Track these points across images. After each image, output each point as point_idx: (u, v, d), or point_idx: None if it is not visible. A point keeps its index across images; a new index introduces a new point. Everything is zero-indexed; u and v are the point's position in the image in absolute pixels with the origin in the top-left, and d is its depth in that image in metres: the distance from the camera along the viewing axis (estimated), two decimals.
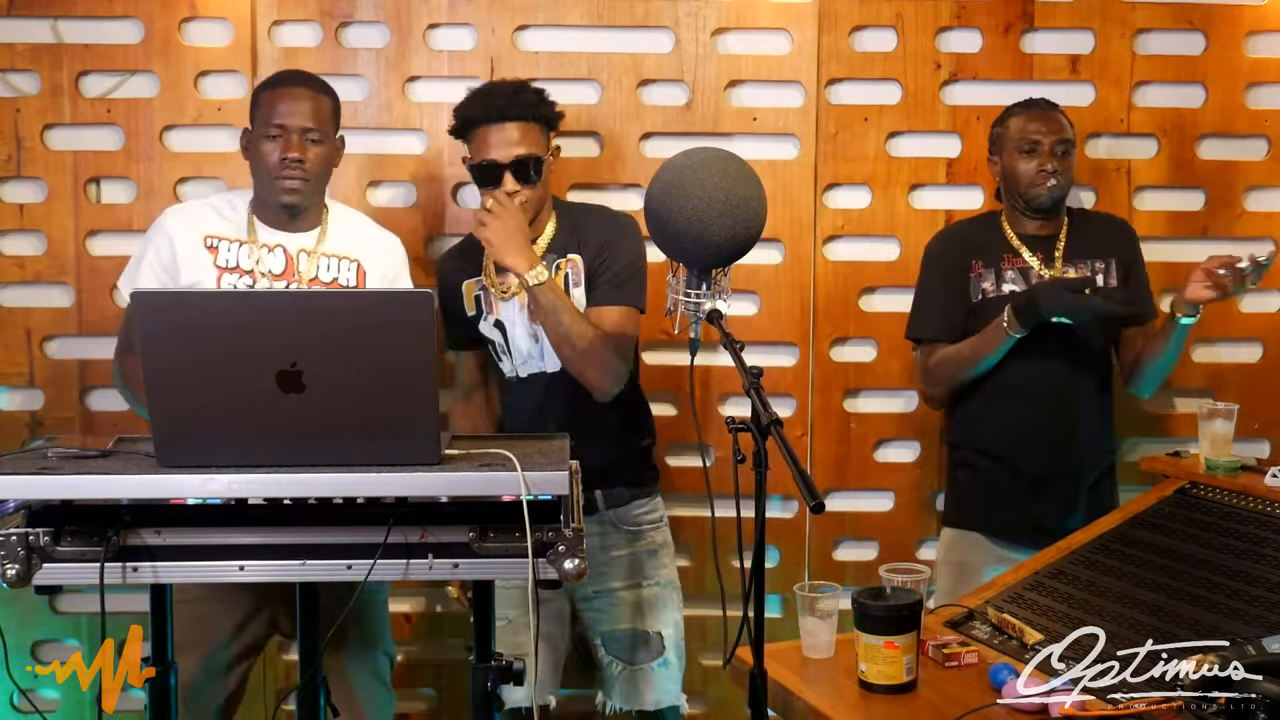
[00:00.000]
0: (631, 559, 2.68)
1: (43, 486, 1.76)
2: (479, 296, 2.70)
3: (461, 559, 1.84)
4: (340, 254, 2.59)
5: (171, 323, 1.76)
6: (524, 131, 2.57)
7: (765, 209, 2.07)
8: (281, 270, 2.55)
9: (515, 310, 2.65)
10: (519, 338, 2.65)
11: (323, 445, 1.79)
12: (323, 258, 2.57)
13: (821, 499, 1.67)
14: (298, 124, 2.50)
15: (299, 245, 2.57)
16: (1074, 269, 2.82)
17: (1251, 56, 3.21)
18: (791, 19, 3.14)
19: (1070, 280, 2.71)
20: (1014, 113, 2.88)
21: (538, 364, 2.66)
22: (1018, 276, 2.83)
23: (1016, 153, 2.82)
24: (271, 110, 2.50)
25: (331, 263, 2.58)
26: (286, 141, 2.48)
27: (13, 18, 3.05)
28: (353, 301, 1.94)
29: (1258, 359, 3.28)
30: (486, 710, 1.97)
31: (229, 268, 2.53)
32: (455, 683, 3.19)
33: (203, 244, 2.54)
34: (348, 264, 2.59)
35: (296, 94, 2.52)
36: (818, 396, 3.21)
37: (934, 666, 2.02)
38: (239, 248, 2.55)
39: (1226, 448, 2.58)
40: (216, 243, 2.54)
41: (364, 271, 2.60)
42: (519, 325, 2.65)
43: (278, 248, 2.56)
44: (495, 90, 2.64)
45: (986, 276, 2.85)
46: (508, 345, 2.68)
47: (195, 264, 2.52)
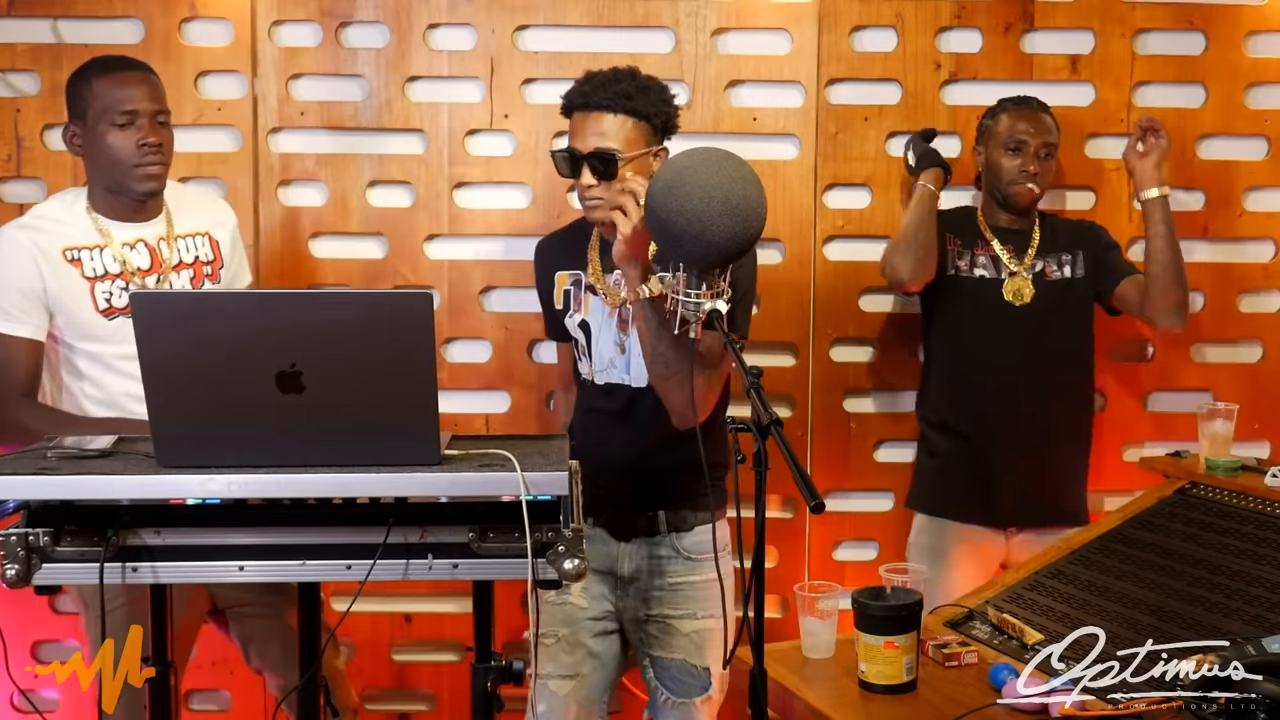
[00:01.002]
0: (691, 589, 2.55)
1: (42, 486, 1.76)
2: (569, 291, 2.59)
3: (461, 559, 1.84)
4: (191, 232, 2.58)
5: (170, 323, 1.76)
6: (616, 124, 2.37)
7: (765, 209, 2.07)
8: (149, 265, 2.50)
9: (604, 315, 2.53)
10: (603, 344, 2.54)
11: (322, 445, 1.79)
12: (179, 239, 2.55)
13: (821, 499, 1.67)
14: (148, 107, 2.42)
15: (155, 234, 2.53)
16: (1043, 263, 2.94)
17: (1251, 56, 3.21)
18: (791, 19, 3.14)
19: None
20: (1005, 108, 2.95)
21: (620, 375, 2.53)
22: (989, 263, 2.95)
23: (1002, 149, 2.92)
24: (115, 97, 2.40)
25: (188, 242, 2.57)
26: (140, 127, 2.41)
27: (13, 18, 3.06)
28: (353, 301, 1.94)
29: (1258, 359, 3.28)
30: (487, 710, 1.97)
31: (98, 276, 2.44)
32: (455, 683, 3.19)
33: (63, 258, 2.43)
34: (200, 239, 2.59)
35: (136, 78, 2.44)
36: (818, 396, 3.21)
37: (934, 666, 2.02)
38: (100, 253, 2.45)
39: (1226, 448, 2.59)
40: (77, 254, 2.44)
41: (215, 241, 2.62)
42: (605, 331, 2.54)
43: (138, 243, 2.50)
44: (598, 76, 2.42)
45: (963, 255, 2.96)
46: (589, 348, 2.56)
47: (62, 281, 2.41)
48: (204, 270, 2.58)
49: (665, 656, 2.55)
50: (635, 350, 2.48)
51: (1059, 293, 2.94)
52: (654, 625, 2.56)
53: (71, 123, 2.48)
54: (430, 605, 3.20)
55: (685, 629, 2.54)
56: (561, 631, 2.54)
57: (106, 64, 2.47)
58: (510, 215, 3.16)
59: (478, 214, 3.16)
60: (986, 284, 2.94)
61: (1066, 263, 2.96)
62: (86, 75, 2.46)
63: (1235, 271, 3.26)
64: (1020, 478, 2.89)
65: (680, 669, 2.54)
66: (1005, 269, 2.93)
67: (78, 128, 2.46)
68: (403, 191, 3.16)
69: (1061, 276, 2.95)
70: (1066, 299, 2.95)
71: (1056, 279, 2.95)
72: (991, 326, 2.92)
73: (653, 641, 2.57)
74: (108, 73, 2.44)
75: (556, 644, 2.53)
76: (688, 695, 2.54)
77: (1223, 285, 3.25)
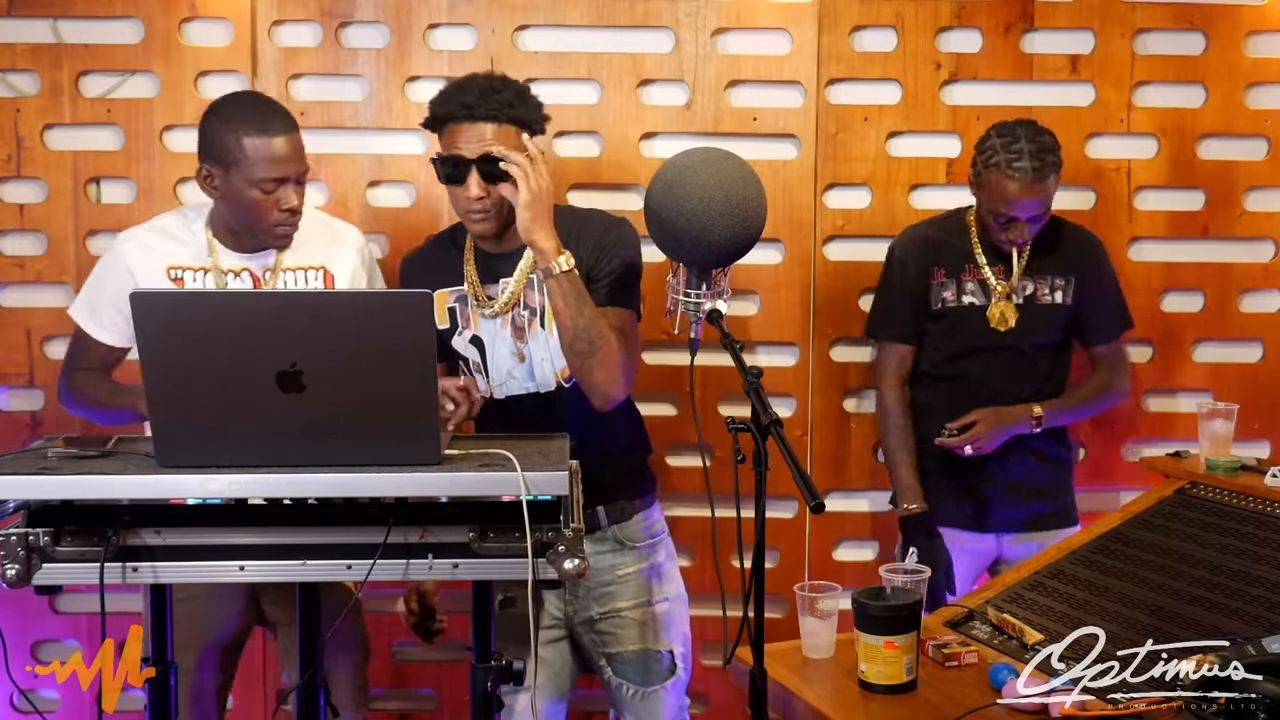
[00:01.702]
0: (640, 577, 2.53)
1: (43, 486, 1.76)
2: (454, 309, 2.47)
3: (461, 559, 1.84)
4: (304, 265, 2.50)
5: (171, 323, 1.76)
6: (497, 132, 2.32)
7: (765, 209, 2.07)
8: None
9: (495, 326, 2.44)
10: (500, 356, 2.44)
11: (323, 445, 1.79)
12: (287, 273, 2.47)
13: (821, 499, 1.68)
14: (294, 173, 2.36)
15: (263, 265, 2.46)
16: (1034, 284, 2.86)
17: (1251, 56, 3.21)
18: (791, 19, 3.14)
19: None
20: (996, 162, 2.69)
21: (523, 384, 2.45)
22: (977, 289, 2.87)
23: (989, 211, 2.76)
24: (264, 163, 2.31)
25: (297, 275, 2.49)
26: (285, 193, 2.35)
27: (13, 18, 3.06)
28: (353, 301, 1.94)
29: (1258, 359, 3.28)
30: (486, 710, 1.97)
31: None
32: (455, 683, 3.19)
33: (166, 276, 2.42)
34: (314, 274, 2.50)
35: (285, 141, 2.34)
36: (818, 396, 3.21)
37: (934, 666, 2.02)
38: (204, 276, 2.43)
39: (1226, 448, 2.58)
40: (180, 273, 2.43)
41: (331, 276, 2.52)
42: (500, 342, 2.44)
43: (244, 271, 2.46)
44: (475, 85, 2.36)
45: (948, 285, 2.88)
46: (484, 364, 2.47)
47: None
48: None
49: (624, 651, 2.51)
50: (537, 355, 2.42)
51: (1045, 319, 2.86)
52: (607, 622, 2.51)
53: (209, 165, 2.36)
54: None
55: (641, 617, 2.50)
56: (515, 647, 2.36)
57: (259, 122, 2.33)
58: None
59: None
60: (974, 311, 2.86)
61: (1059, 288, 2.86)
62: (235, 127, 2.32)
63: (1235, 271, 3.26)
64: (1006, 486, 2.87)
65: (641, 658, 2.50)
66: (994, 290, 2.84)
67: (216, 173, 2.35)
68: (403, 191, 3.16)
69: (1051, 302, 2.86)
70: (1050, 326, 2.87)
71: (1045, 304, 2.86)
72: (978, 351, 2.86)
73: (608, 639, 2.52)
74: (261, 134, 2.32)
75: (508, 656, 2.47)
76: (654, 683, 2.51)
77: (1223, 285, 3.25)
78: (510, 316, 2.43)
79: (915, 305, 2.91)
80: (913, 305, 2.91)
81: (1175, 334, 3.26)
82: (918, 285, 2.90)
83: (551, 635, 2.53)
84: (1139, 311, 3.12)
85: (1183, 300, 3.27)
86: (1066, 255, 2.89)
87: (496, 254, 2.44)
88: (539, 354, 2.42)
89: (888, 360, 2.95)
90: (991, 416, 2.79)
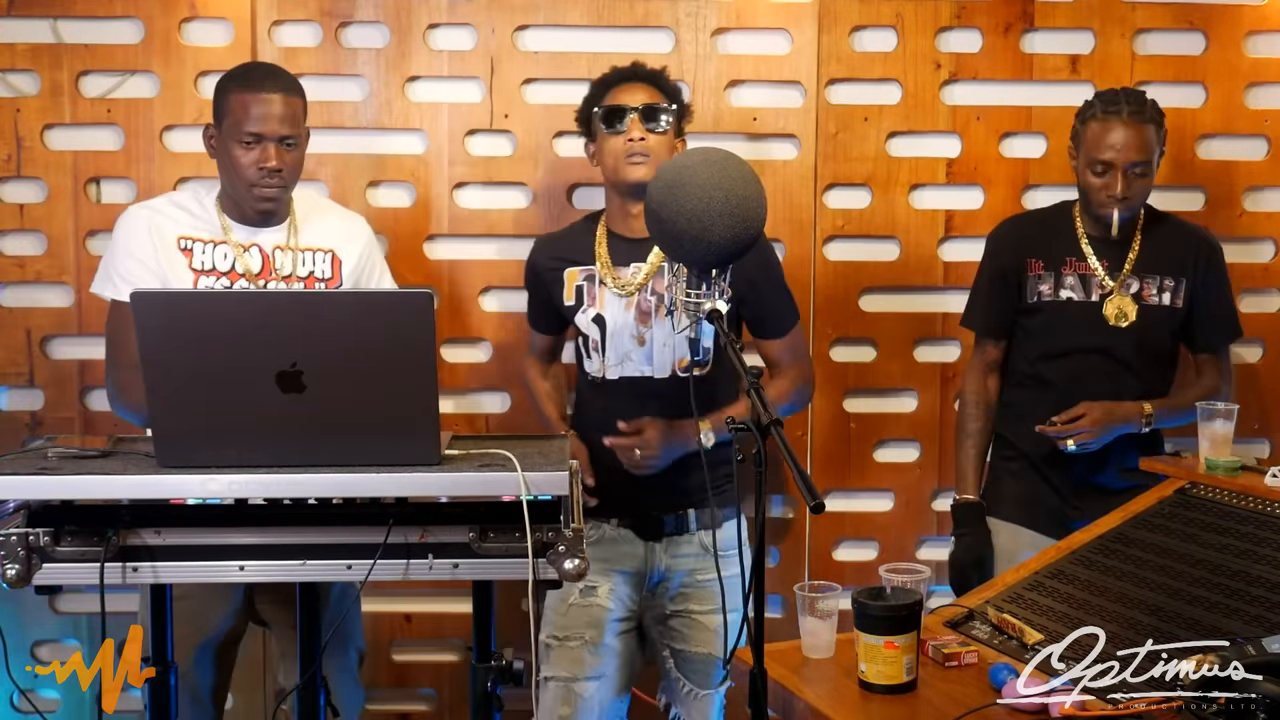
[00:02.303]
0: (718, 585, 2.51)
1: (43, 487, 1.76)
2: (581, 287, 2.62)
3: (461, 559, 1.84)
4: (313, 246, 2.54)
5: (171, 323, 1.76)
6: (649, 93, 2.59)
7: (765, 209, 2.07)
8: (259, 269, 2.48)
9: (620, 307, 2.57)
10: (620, 337, 2.56)
11: (323, 445, 1.79)
12: (297, 252, 2.51)
13: (821, 499, 1.67)
14: (274, 131, 2.39)
15: (273, 242, 2.50)
16: (1140, 282, 2.76)
17: (1251, 56, 3.21)
18: (791, 19, 3.14)
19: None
20: (1093, 113, 2.68)
21: (639, 367, 2.56)
22: (1078, 284, 2.77)
23: (1087, 166, 2.67)
24: (245, 116, 2.38)
25: (306, 256, 2.52)
26: (264, 151, 2.39)
27: (13, 18, 3.05)
28: (353, 301, 1.94)
29: (1258, 359, 3.28)
30: (486, 710, 1.97)
31: (205, 270, 2.45)
32: (455, 683, 3.19)
33: (176, 246, 2.45)
34: (322, 255, 2.54)
35: (271, 99, 2.39)
36: (818, 397, 3.21)
37: (934, 666, 2.02)
38: (214, 249, 2.46)
39: (1226, 448, 2.58)
40: (190, 244, 2.46)
41: (339, 260, 2.55)
42: (623, 324, 2.56)
43: (253, 246, 2.49)
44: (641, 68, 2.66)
45: (1045, 279, 2.79)
46: (603, 342, 2.57)
47: (170, 266, 2.43)
48: (317, 287, 2.52)
49: (690, 650, 2.61)
50: (658, 340, 2.52)
51: (1158, 320, 2.76)
52: (678, 620, 2.61)
53: (211, 125, 2.48)
54: (430, 605, 3.20)
55: (711, 624, 2.57)
56: (588, 634, 2.57)
57: (247, 78, 2.44)
58: (510, 215, 3.16)
59: (478, 214, 3.16)
60: (1075, 306, 2.76)
61: (1168, 289, 2.75)
62: (228, 85, 2.44)
63: (1235, 271, 3.24)
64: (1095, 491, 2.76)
65: (705, 661, 2.60)
66: (1097, 287, 2.74)
67: (214, 132, 2.46)
68: (403, 191, 3.16)
69: (1159, 304, 2.75)
70: (1165, 327, 2.77)
71: (1154, 304, 2.75)
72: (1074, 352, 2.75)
73: (676, 635, 2.62)
74: (245, 89, 2.40)
75: (582, 646, 2.56)
76: (711, 686, 2.61)
77: None
78: (636, 300, 2.56)
79: (1004, 297, 2.83)
80: (1001, 297, 2.84)
81: None
82: (1010, 278, 2.82)
83: (624, 627, 2.63)
84: None
85: None
86: (1178, 253, 2.78)
87: (631, 238, 2.59)
88: (660, 339, 2.54)
89: (974, 352, 2.93)
90: (1101, 412, 2.66)
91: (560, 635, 2.59)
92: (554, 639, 2.60)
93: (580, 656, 2.56)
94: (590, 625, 2.56)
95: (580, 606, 2.56)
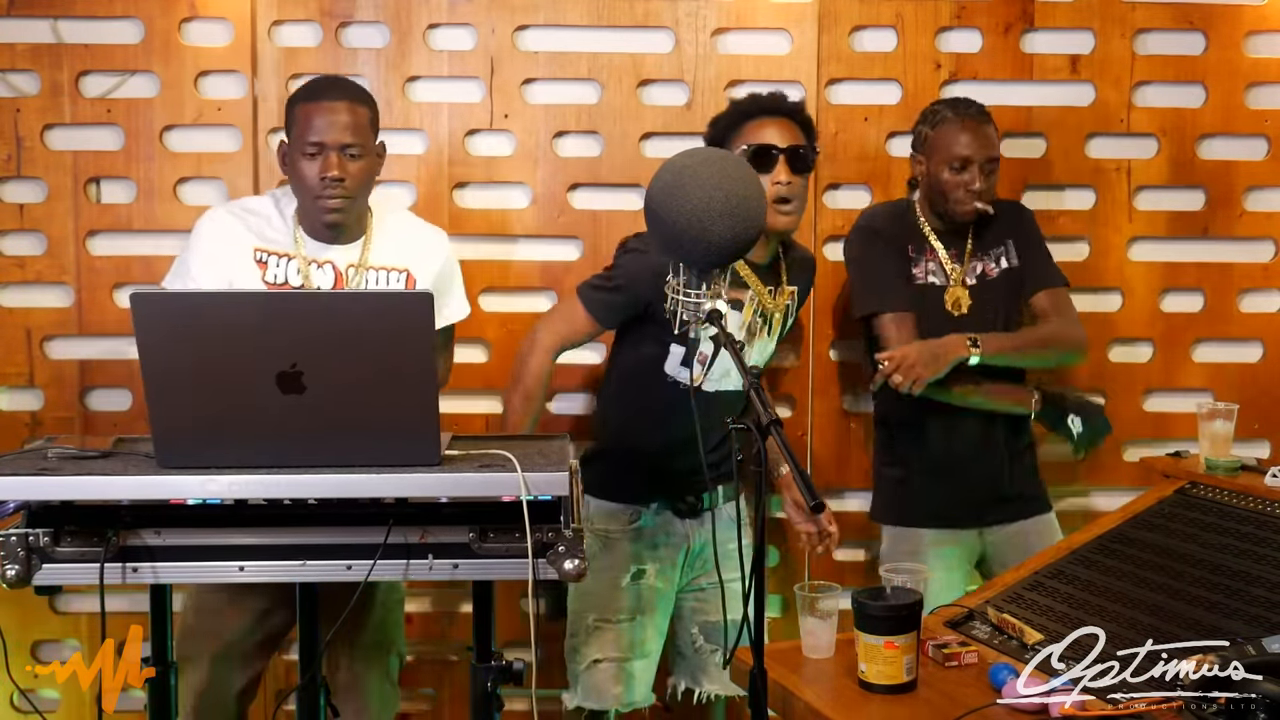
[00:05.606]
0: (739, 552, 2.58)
1: (43, 487, 1.76)
2: None
3: (461, 559, 1.84)
4: (387, 265, 2.49)
5: (171, 323, 1.76)
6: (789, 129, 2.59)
7: (765, 209, 2.07)
8: (330, 287, 2.45)
9: (736, 325, 2.56)
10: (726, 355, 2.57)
11: (323, 446, 1.80)
12: (371, 271, 2.47)
13: (821, 499, 1.68)
14: (336, 140, 2.35)
15: (347, 260, 2.46)
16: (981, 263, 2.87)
17: (1251, 56, 3.21)
18: (791, 19, 3.14)
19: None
20: (944, 118, 2.81)
21: (734, 382, 2.55)
22: (937, 269, 2.86)
23: (944, 165, 2.78)
24: (307, 126, 2.36)
25: (380, 275, 2.48)
26: (325, 160, 2.35)
27: (13, 18, 3.05)
28: (353, 302, 1.94)
29: (1258, 359, 3.28)
30: (486, 710, 1.97)
31: (277, 284, 2.42)
32: (455, 683, 3.19)
33: (253, 257, 2.43)
34: (396, 275, 2.49)
35: (334, 108, 2.37)
36: (817, 397, 3.21)
37: (934, 666, 2.02)
38: (288, 263, 2.44)
39: (1226, 448, 2.58)
40: (266, 257, 2.43)
41: (413, 280, 2.50)
42: None
43: (326, 264, 2.45)
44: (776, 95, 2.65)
45: (917, 261, 2.87)
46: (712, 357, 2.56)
47: (243, 277, 2.41)
48: None
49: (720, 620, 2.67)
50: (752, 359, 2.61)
51: (1000, 288, 2.86)
52: (712, 590, 2.69)
53: (283, 141, 2.46)
54: (430, 605, 3.20)
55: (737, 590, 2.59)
56: (641, 615, 2.65)
57: (312, 89, 2.44)
58: (510, 215, 3.16)
59: (478, 214, 3.16)
60: (934, 291, 2.84)
61: (1000, 255, 2.88)
62: (295, 96, 2.44)
63: (1235, 271, 3.26)
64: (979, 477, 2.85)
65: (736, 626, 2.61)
66: (950, 276, 2.84)
67: (285, 146, 2.45)
68: (403, 191, 3.16)
69: (1000, 269, 2.88)
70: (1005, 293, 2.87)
71: (996, 275, 2.87)
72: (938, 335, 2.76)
73: (707, 606, 2.72)
74: (308, 100, 2.40)
75: (633, 624, 2.65)
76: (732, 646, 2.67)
77: (1223, 285, 3.25)
78: (749, 323, 2.61)
79: (902, 274, 2.84)
80: (903, 271, 2.85)
81: (1175, 334, 3.26)
82: (899, 255, 2.85)
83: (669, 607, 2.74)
84: (1139, 311, 3.12)
85: (1183, 300, 3.27)
86: (1000, 226, 2.90)
87: (752, 262, 2.62)
88: (754, 358, 2.64)
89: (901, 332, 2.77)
90: (920, 346, 2.68)
91: (613, 617, 2.66)
92: (605, 621, 2.67)
93: (634, 637, 2.65)
94: (643, 606, 2.65)
95: (631, 588, 2.65)
